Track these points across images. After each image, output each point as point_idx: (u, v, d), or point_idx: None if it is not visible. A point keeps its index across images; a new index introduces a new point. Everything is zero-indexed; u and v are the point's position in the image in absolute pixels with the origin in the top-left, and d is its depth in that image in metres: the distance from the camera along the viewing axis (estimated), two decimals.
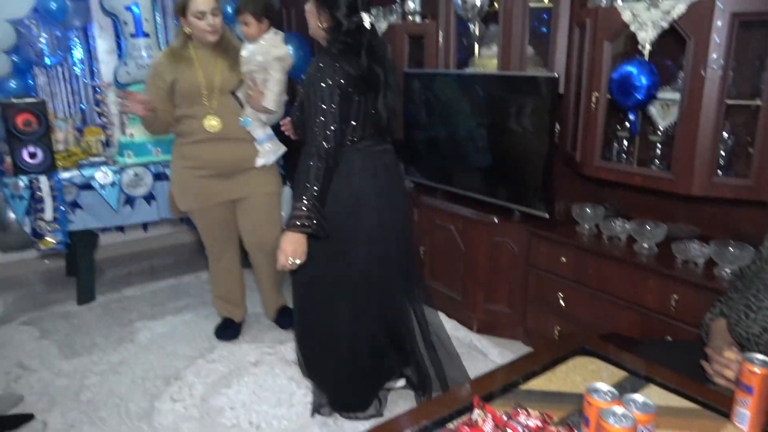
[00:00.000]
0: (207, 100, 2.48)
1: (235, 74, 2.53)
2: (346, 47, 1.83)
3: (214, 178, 2.57)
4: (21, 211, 2.99)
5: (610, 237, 2.46)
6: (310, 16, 1.93)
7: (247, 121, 2.55)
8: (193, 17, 2.38)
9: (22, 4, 3.14)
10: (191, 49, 2.48)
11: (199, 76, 2.45)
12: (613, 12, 2.15)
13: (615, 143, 2.42)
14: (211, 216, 2.66)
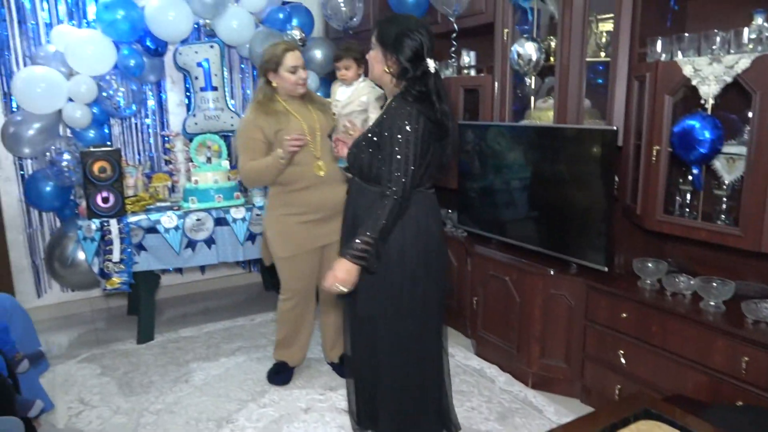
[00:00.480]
0: (313, 146, 2.59)
1: (329, 118, 2.69)
2: (420, 93, 1.88)
3: (314, 223, 2.65)
4: (91, 252, 3.16)
5: (673, 293, 2.37)
6: (374, 61, 1.97)
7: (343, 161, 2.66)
8: (287, 72, 2.54)
9: (106, 62, 3.39)
10: (280, 102, 2.61)
11: (302, 124, 2.58)
12: (673, 66, 2.15)
13: (677, 197, 2.37)
14: (305, 262, 2.71)
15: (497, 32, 3.10)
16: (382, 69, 1.94)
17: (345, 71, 2.67)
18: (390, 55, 1.90)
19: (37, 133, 3.45)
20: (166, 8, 3.39)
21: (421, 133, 1.85)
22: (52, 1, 3.64)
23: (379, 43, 1.94)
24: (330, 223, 2.65)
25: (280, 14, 3.82)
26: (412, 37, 1.86)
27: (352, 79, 2.69)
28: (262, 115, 2.56)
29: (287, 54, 2.53)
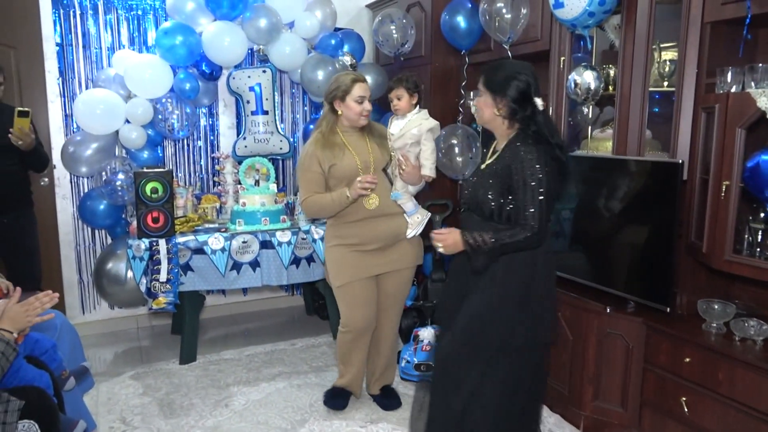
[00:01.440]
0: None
1: (385, 152, 2.69)
2: (536, 133, 1.97)
3: (371, 253, 2.67)
4: (140, 271, 3.20)
5: (742, 338, 2.21)
6: (484, 107, 2.06)
7: (398, 195, 2.68)
8: (354, 102, 2.57)
9: (163, 86, 3.48)
10: (340, 134, 2.64)
11: (356, 159, 2.60)
12: (746, 98, 2.03)
13: (746, 235, 2.22)
14: (360, 290, 2.69)
15: (553, 60, 3.03)
16: (492, 113, 2.04)
17: (397, 101, 2.68)
18: (499, 98, 2.00)
19: (94, 152, 3.55)
20: (223, 34, 3.46)
21: (551, 174, 1.93)
22: (115, 27, 3.78)
23: (487, 89, 2.04)
24: (385, 253, 2.68)
25: (332, 40, 3.85)
26: (519, 79, 1.97)
27: (404, 110, 2.69)
28: (320, 148, 2.60)
29: (356, 84, 2.58)
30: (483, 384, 2.04)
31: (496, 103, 2.02)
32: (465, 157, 3.42)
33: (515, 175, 1.94)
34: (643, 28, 2.50)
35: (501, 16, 3.14)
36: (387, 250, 2.69)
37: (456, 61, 3.80)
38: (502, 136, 2.11)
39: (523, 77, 1.98)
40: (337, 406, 2.87)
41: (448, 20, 3.51)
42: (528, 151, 1.94)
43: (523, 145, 1.97)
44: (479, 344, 2.03)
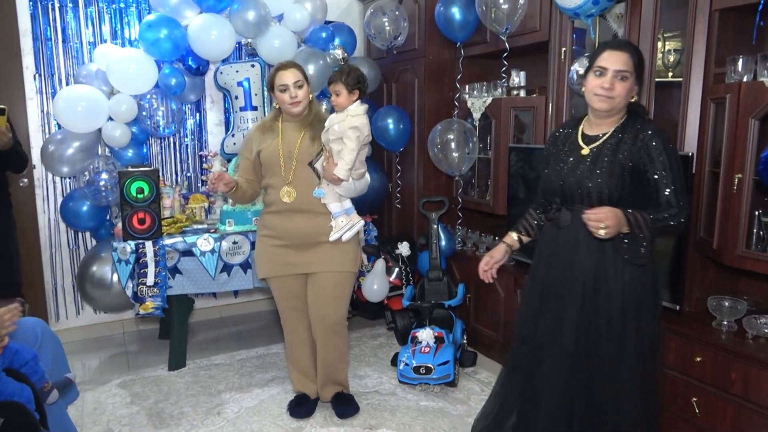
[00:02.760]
0: (284, 170, 2.52)
1: (315, 145, 2.54)
2: (645, 115, 1.95)
3: (288, 249, 2.59)
4: (125, 275, 3.06)
5: (755, 336, 2.14)
6: (626, 92, 1.84)
7: (320, 192, 2.52)
8: (278, 90, 2.47)
9: (147, 81, 3.35)
10: (279, 122, 2.58)
11: (280, 148, 2.52)
12: (759, 87, 1.96)
13: (758, 229, 2.15)
14: (286, 286, 2.65)
15: (552, 51, 2.95)
16: (628, 100, 1.88)
17: (335, 97, 2.48)
18: (636, 84, 1.88)
19: (76, 152, 3.41)
20: (209, 27, 3.33)
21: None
22: (96, 21, 3.63)
23: (635, 73, 1.84)
24: (305, 252, 2.57)
25: (323, 33, 3.74)
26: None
27: (343, 106, 2.48)
28: (257, 133, 2.59)
29: (278, 72, 2.49)
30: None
31: (633, 89, 1.86)
32: (461, 152, 3.36)
33: (656, 156, 1.81)
34: (648, 17, 2.42)
35: (498, 7, 3.05)
36: (307, 250, 2.57)
37: (451, 53, 3.70)
38: (611, 122, 1.90)
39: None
40: (300, 414, 2.74)
41: (443, 12, 3.41)
42: (659, 131, 1.84)
43: (646, 126, 1.85)
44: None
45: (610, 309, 1.87)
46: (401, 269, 3.67)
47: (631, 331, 1.87)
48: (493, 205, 3.37)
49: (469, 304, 3.50)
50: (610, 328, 1.87)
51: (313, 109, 2.61)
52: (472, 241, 3.65)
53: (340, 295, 2.64)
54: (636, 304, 1.87)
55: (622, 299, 1.86)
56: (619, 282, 1.86)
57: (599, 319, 1.89)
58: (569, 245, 1.92)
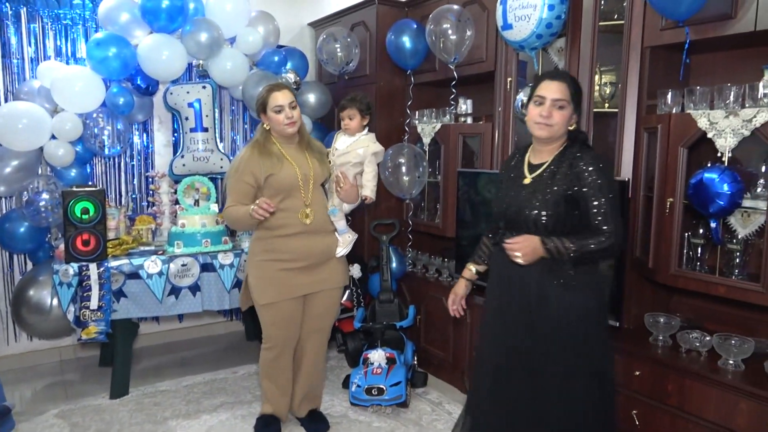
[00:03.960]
0: (304, 193, 2.53)
1: (325, 168, 2.65)
2: (585, 142, 1.99)
3: (296, 271, 2.56)
4: (67, 298, 2.94)
5: (688, 350, 2.29)
6: (563, 120, 1.92)
7: (335, 210, 2.65)
8: (272, 112, 2.47)
9: (94, 100, 3.27)
10: (277, 145, 2.54)
11: (296, 170, 2.52)
12: (687, 119, 2.13)
13: (688, 250, 2.32)
14: (288, 309, 2.60)
15: (498, 81, 3.09)
16: (566, 128, 1.95)
17: (349, 121, 2.72)
18: (575, 114, 1.96)
19: (14, 170, 3.27)
20: (160, 47, 3.30)
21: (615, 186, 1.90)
22: (40, 37, 3.53)
23: (573, 102, 1.93)
24: (313, 272, 2.60)
25: (275, 57, 3.77)
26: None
27: (355, 130, 2.75)
28: (257, 157, 2.49)
29: (272, 94, 2.49)
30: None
31: (572, 117, 1.94)
32: (412, 176, 3.44)
33: (587, 183, 1.85)
34: (586, 52, 2.60)
35: (447, 37, 3.18)
36: (315, 269, 2.60)
37: (401, 80, 3.81)
38: (551, 149, 1.97)
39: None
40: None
41: (394, 40, 3.52)
42: (594, 157, 1.89)
43: (583, 153, 1.90)
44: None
45: (551, 330, 1.93)
46: (352, 291, 3.69)
47: (577, 354, 1.92)
48: (442, 227, 3.46)
49: (420, 325, 3.55)
50: (555, 350, 1.93)
51: (304, 132, 2.64)
52: (422, 263, 3.72)
53: (336, 309, 2.79)
54: (578, 326, 1.92)
55: (566, 321, 1.91)
56: (561, 305, 1.91)
57: (543, 339, 1.94)
58: (515, 268, 1.97)
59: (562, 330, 1.91)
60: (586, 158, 1.88)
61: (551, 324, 1.92)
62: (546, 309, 1.93)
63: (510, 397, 2.01)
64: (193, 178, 3.49)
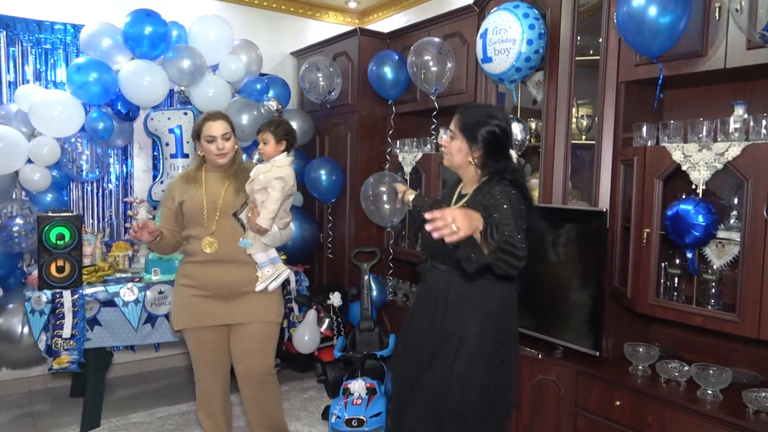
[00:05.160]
0: (207, 221, 2.47)
1: (240, 197, 2.53)
2: (513, 181, 1.86)
3: (209, 299, 2.49)
4: (39, 326, 2.86)
5: (667, 380, 2.30)
6: (456, 151, 1.92)
7: (245, 242, 2.49)
8: (205, 141, 2.46)
9: (73, 124, 3.23)
10: (203, 172, 2.54)
11: (203, 198, 2.48)
12: (662, 151, 2.19)
13: (664, 280, 2.35)
14: (204, 338, 2.52)
15: None
16: (465, 159, 1.92)
17: (262, 145, 2.54)
18: (475, 146, 1.89)
19: None
20: (142, 73, 3.30)
21: (524, 217, 1.80)
22: (19, 60, 3.51)
23: (462, 133, 1.90)
24: (229, 303, 2.50)
25: (258, 85, 3.79)
26: (497, 126, 1.87)
27: (270, 155, 2.53)
28: (180, 182, 2.54)
29: (206, 124, 2.46)
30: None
31: (471, 150, 1.90)
32: (393, 205, 3.46)
33: (495, 209, 1.75)
34: (564, 85, 2.66)
35: (428, 69, 3.25)
36: (231, 301, 2.50)
37: (383, 110, 3.86)
38: (470, 181, 1.99)
39: (501, 123, 1.88)
40: None
41: (376, 70, 3.57)
42: (504, 191, 1.81)
43: (501, 186, 1.84)
44: (456, 407, 1.91)
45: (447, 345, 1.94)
46: (332, 320, 3.66)
47: (449, 366, 1.91)
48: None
49: None
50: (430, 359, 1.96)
51: (236, 160, 2.59)
52: (402, 292, 3.71)
53: (266, 346, 2.58)
54: (471, 336, 1.89)
55: (461, 331, 1.90)
56: (463, 314, 1.91)
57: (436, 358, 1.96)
58: (428, 298, 2.04)
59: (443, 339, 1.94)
60: (499, 187, 1.83)
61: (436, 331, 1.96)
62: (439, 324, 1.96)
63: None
64: None
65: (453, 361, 1.90)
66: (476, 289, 1.91)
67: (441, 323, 1.96)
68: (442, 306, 1.97)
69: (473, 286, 1.91)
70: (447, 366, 1.91)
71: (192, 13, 3.85)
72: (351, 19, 4.81)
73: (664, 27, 2.10)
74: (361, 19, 4.81)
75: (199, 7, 4.05)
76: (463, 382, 1.89)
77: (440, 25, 3.45)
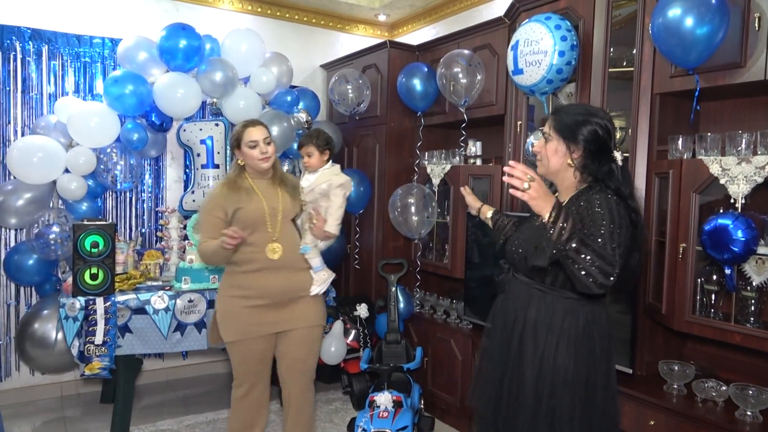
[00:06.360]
0: (271, 227, 2.49)
1: (297, 203, 2.60)
2: (617, 190, 1.67)
3: (263, 308, 2.48)
4: (72, 333, 2.92)
5: (704, 400, 2.23)
6: (552, 154, 1.75)
7: (307, 248, 2.57)
8: (247, 147, 2.46)
9: (109, 135, 3.33)
10: (248, 179, 2.53)
11: (264, 204, 2.49)
12: (698, 164, 2.14)
13: (700, 296, 2.28)
14: (252, 349, 2.51)
15: (508, 124, 3.13)
16: (563, 162, 1.74)
17: (307, 158, 2.68)
18: (574, 146, 1.71)
19: (26, 203, 3.30)
20: (176, 86, 3.37)
21: (627, 230, 1.61)
22: (59, 73, 3.62)
23: (558, 133, 1.73)
24: (282, 310, 2.51)
25: (288, 97, 3.84)
26: (598, 124, 1.69)
27: (315, 167, 2.68)
28: (227, 191, 2.48)
29: (246, 129, 2.47)
30: None
31: (569, 152, 1.72)
32: (421, 216, 3.45)
33: (591, 216, 1.60)
34: (596, 97, 2.63)
35: (457, 81, 3.24)
36: (284, 308, 2.51)
37: (411, 122, 3.86)
38: (567, 189, 1.79)
39: (602, 122, 1.70)
40: None
41: (405, 83, 3.59)
42: (606, 199, 1.63)
43: (601, 192, 1.66)
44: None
45: (525, 372, 1.76)
46: (359, 331, 3.65)
47: (543, 400, 1.72)
48: (450, 268, 3.44)
49: (427, 368, 3.50)
50: (523, 396, 1.75)
51: (278, 167, 2.63)
52: (430, 304, 3.69)
53: (314, 350, 2.63)
54: (553, 365, 1.72)
55: (540, 359, 1.72)
56: (541, 339, 1.73)
57: (515, 384, 1.78)
58: (506, 309, 1.88)
59: (535, 372, 1.76)
60: (600, 195, 1.66)
61: (527, 365, 1.77)
62: (526, 345, 1.78)
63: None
64: None
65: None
66: (558, 309, 1.74)
67: (518, 347, 1.80)
68: (521, 324, 1.81)
69: (555, 305, 1.75)
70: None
71: (225, 26, 3.94)
72: (380, 32, 4.85)
73: (701, 38, 2.06)
74: (391, 32, 4.85)
75: (232, 20, 4.13)
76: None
77: (470, 37, 3.45)
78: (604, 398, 1.76)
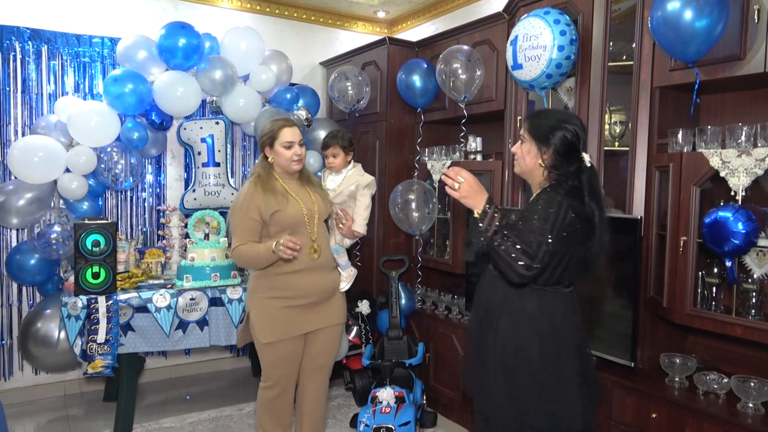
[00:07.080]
0: (309, 228, 2.50)
1: (327, 204, 2.66)
2: (573, 188, 1.79)
3: (300, 309, 2.49)
4: (74, 331, 2.93)
5: (705, 392, 2.24)
6: (526, 154, 1.89)
7: (338, 248, 2.67)
8: (282, 147, 2.44)
9: (109, 134, 3.33)
10: (279, 181, 2.50)
11: (302, 207, 2.49)
12: (699, 157, 2.14)
13: (701, 289, 2.29)
14: (286, 350, 2.51)
15: (508, 119, 3.13)
16: (535, 162, 1.87)
17: (333, 159, 2.77)
18: (545, 148, 1.84)
19: (27, 203, 3.30)
20: (175, 84, 3.37)
21: (566, 223, 1.73)
22: (59, 73, 3.62)
23: (531, 136, 1.87)
24: (316, 309, 2.54)
25: (288, 95, 3.84)
26: (567, 129, 1.81)
27: (340, 167, 2.79)
28: (261, 193, 2.43)
29: (284, 129, 2.46)
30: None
31: (540, 153, 1.85)
32: (422, 212, 3.44)
33: (530, 211, 1.77)
34: (596, 91, 2.63)
35: (457, 77, 3.24)
36: (318, 306, 2.54)
37: (411, 118, 3.86)
38: (536, 187, 1.92)
39: (571, 127, 1.82)
40: None
41: (404, 79, 3.58)
42: (551, 197, 1.77)
43: (549, 194, 1.80)
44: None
45: (488, 354, 1.89)
46: (361, 327, 3.65)
47: (508, 394, 1.84)
48: (452, 264, 3.45)
49: (429, 363, 3.50)
50: (495, 385, 1.87)
51: (304, 168, 2.62)
52: (431, 300, 3.69)
53: (338, 346, 2.72)
54: (516, 357, 1.83)
55: (505, 345, 1.85)
56: (504, 321, 1.86)
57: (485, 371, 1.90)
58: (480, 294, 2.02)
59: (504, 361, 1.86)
60: (544, 195, 1.81)
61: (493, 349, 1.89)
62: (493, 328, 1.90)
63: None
64: (203, 212, 3.50)
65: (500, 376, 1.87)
66: (517, 296, 1.86)
67: (484, 315, 1.93)
68: (483, 311, 1.95)
69: (517, 293, 1.86)
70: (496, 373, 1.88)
71: (224, 24, 3.94)
72: (380, 29, 4.84)
73: (700, 31, 2.06)
74: (390, 29, 4.85)
75: (231, 18, 4.13)
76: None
77: (469, 32, 3.45)
78: (566, 390, 1.82)
